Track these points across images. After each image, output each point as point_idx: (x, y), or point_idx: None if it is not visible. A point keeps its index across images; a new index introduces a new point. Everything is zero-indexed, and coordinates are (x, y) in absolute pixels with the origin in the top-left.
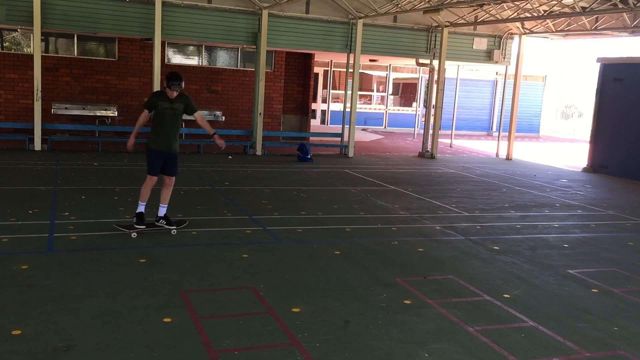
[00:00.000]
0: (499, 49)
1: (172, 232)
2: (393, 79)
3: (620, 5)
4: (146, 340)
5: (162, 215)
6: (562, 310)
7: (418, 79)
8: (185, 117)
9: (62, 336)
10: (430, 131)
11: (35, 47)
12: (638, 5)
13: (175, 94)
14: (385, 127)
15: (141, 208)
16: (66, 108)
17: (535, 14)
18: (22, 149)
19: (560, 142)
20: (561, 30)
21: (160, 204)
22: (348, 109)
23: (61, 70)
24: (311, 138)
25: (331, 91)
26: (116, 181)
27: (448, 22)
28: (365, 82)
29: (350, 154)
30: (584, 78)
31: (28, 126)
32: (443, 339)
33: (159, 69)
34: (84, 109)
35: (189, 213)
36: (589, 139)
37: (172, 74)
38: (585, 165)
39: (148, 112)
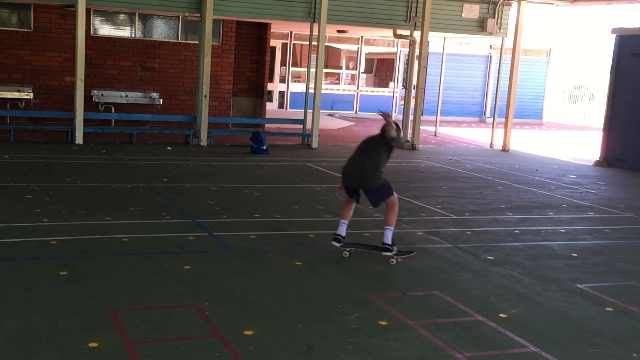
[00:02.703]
0: (494, 17)
1: None
2: (366, 54)
3: None
4: None
5: None
6: (569, 333)
7: (396, 54)
8: (114, 100)
9: None
10: (411, 117)
11: None
12: None
13: None
14: (356, 112)
15: None
16: None
17: None
18: None
19: (568, 129)
20: None
21: None
22: (311, 90)
23: None
24: (267, 125)
25: (291, 69)
26: (32, 177)
27: None
28: (332, 58)
29: (314, 145)
30: (597, 53)
31: None
32: None
33: (83, 41)
34: None
35: (120, 215)
36: (602, 127)
37: None
38: (597, 158)
39: None
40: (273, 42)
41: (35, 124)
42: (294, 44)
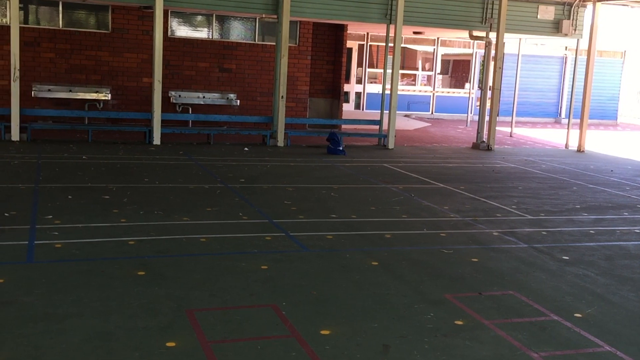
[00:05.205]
0: (569, 19)
1: None
2: (442, 55)
3: None
4: None
5: None
6: None
7: (472, 55)
8: (191, 101)
9: None
10: (487, 118)
11: (12, 17)
12: None
13: None
14: (432, 113)
15: None
16: (49, 90)
17: None
18: None
19: None
20: None
21: None
22: (388, 91)
23: (43, 44)
24: (343, 126)
25: (367, 70)
26: (109, 178)
27: None
28: (408, 59)
29: (391, 145)
30: None
31: (4, 112)
32: None
33: (160, 43)
34: (70, 91)
35: (197, 215)
36: None
37: None
38: None
39: None
40: (349, 44)
41: (113, 124)
42: (370, 45)
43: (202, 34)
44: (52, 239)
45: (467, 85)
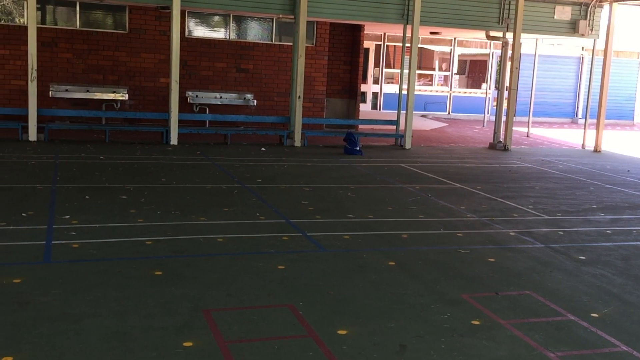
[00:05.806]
0: (586, 19)
1: None
2: (458, 56)
3: None
4: None
5: None
6: None
7: (489, 55)
8: (209, 101)
9: None
10: (503, 118)
11: (29, 17)
12: None
13: None
14: (449, 113)
15: None
16: (67, 90)
17: None
18: (14, 139)
19: None
20: None
21: None
22: (405, 92)
23: (61, 44)
24: (360, 126)
25: (384, 70)
26: (127, 178)
27: None
28: (425, 59)
29: (407, 145)
30: None
31: (21, 112)
32: None
33: (177, 43)
34: (88, 91)
35: (214, 215)
36: None
37: None
38: None
39: None
40: (366, 44)
41: (130, 125)
42: (387, 46)
43: (219, 34)
44: (70, 239)
45: (483, 85)
